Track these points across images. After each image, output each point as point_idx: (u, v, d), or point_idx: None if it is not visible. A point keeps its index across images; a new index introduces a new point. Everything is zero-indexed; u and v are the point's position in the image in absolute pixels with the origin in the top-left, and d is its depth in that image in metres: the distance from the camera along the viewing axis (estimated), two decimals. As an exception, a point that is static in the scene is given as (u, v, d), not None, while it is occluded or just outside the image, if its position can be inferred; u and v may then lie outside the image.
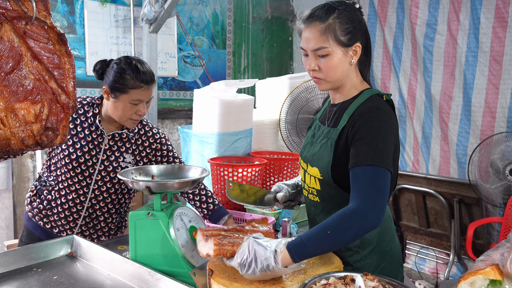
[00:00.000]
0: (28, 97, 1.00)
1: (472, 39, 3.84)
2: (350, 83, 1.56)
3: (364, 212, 1.30)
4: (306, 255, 1.27)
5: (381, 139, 1.40)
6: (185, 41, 4.81)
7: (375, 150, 1.38)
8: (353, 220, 1.29)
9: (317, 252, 1.29)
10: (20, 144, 1.00)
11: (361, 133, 1.42)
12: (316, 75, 1.52)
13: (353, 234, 1.30)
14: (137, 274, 1.52)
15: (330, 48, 1.46)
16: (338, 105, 1.58)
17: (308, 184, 1.62)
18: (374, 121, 1.43)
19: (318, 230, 1.30)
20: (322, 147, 1.55)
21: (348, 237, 1.30)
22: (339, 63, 1.48)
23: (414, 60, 4.30)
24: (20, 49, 1.00)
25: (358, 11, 1.53)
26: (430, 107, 4.21)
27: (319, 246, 1.27)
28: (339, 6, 1.48)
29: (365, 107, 1.48)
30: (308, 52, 1.51)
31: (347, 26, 1.47)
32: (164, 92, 4.71)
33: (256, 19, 5.46)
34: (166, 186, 1.59)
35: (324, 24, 1.46)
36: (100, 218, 2.13)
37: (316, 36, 1.46)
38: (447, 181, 4.00)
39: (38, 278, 1.57)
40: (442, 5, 4.02)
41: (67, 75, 1.06)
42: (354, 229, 1.29)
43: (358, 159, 1.38)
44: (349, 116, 1.49)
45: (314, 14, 1.49)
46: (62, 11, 4.00)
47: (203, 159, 2.75)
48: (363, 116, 1.45)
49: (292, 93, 2.99)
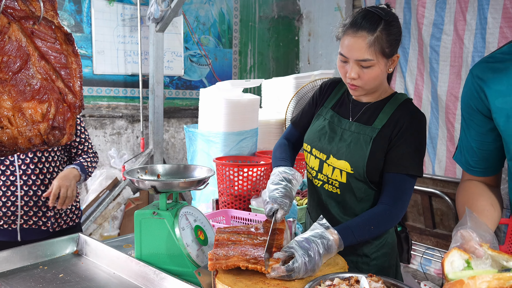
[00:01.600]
0: (35, 97, 1.01)
1: (478, 39, 3.81)
2: (382, 88, 1.63)
3: (395, 213, 1.53)
4: (351, 239, 1.44)
5: (422, 147, 1.56)
6: (192, 40, 4.82)
7: (416, 159, 1.54)
8: (388, 220, 1.53)
9: (358, 241, 1.47)
10: (27, 143, 1.01)
11: (406, 137, 1.53)
12: (355, 83, 1.54)
13: (384, 229, 1.56)
14: (142, 273, 1.52)
15: (375, 60, 1.48)
16: (369, 105, 1.63)
17: (329, 175, 1.64)
18: (419, 126, 1.55)
19: (364, 223, 1.50)
20: (353, 142, 1.59)
21: (380, 232, 1.55)
22: (381, 74, 1.53)
23: (421, 60, 4.28)
24: (27, 48, 1.00)
25: (398, 20, 1.54)
26: (436, 108, 4.19)
27: (361, 236, 1.47)
28: (385, 17, 1.48)
29: (408, 109, 1.57)
30: (350, 60, 1.50)
31: (391, 38, 1.49)
32: (170, 91, 4.72)
33: (263, 18, 5.46)
34: (171, 185, 1.59)
35: (372, 36, 1.45)
36: (38, 192, 2.14)
37: (363, 47, 1.46)
38: (453, 182, 3.97)
39: (44, 275, 1.58)
40: (449, 5, 3.99)
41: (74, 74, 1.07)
42: (387, 227, 1.57)
43: (399, 166, 1.53)
44: (388, 116, 1.56)
45: (361, 23, 1.47)
46: (70, 10, 4.02)
47: (209, 158, 2.76)
48: (410, 119, 1.54)
49: (298, 93, 2.99)
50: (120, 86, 4.37)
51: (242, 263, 1.30)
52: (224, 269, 1.32)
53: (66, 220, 2.28)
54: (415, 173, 1.53)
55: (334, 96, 1.74)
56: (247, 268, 1.30)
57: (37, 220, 2.17)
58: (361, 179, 1.58)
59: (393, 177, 1.53)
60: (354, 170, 1.57)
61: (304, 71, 5.67)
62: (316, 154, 1.68)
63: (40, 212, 2.17)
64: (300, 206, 2.25)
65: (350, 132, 1.62)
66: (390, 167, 1.54)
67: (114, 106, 4.35)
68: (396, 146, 1.53)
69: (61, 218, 2.25)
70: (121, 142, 4.41)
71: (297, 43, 5.79)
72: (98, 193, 4.07)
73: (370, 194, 1.61)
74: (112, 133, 4.34)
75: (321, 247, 1.35)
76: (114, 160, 4.28)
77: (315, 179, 1.72)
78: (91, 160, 2.32)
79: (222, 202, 2.41)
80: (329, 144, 1.64)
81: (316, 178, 1.71)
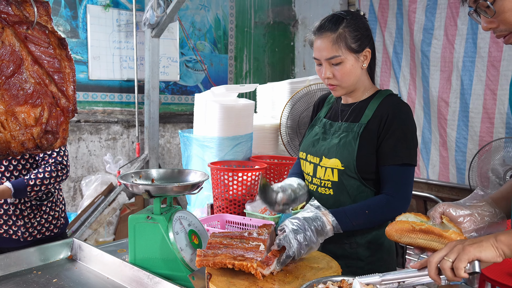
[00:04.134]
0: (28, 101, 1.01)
1: (470, 44, 3.83)
2: (363, 86, 1.69)
3: (396, 204, 1.55)
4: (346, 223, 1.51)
5: (412, 135, 1.60)
6: (187, 46, 4.83)
7: (408, 148, 1.57)
8: (387, 209, 1.55)
9: (353, 224, 1.52)
10: (20, 147, 1.01)
11: (394, 128, 1.57)
12: (331, 82, 1.63)
13: (384, 219, 1.56)
14: (136, 277, 1.52)
15: (342, 56, 1.58)
16: (355, 105, 1.70)
17: (321, 177, 1.68)
18: (404, 116, 1.60)
19: (358, 206, 1.56)
20: (342, 140, 1.64)
21: (379, 220, 1.57)
22: (352, 69, 1.60)
23: (413, 65, 4.30)
24: (21, 53, 1.01)
25: (363, 18, 1.65)
26: (429, 113, 4.21)
27: (355, 219, 1.52)
28: (347, 16, 1.60)
29: (390, 102, 1.62)
30: (321, 61, 1.61)
31: (356, 34, 1.58)
32: (166, 96, 4.73)
33: (258, 24, 5.48)
34: (165, 189, 1.59)
35: (334, 34, 1.57)
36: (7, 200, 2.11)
37: (328, 46, 1.58)
38: (448, 187, 3.99)
39: (38, 280, 1.58)
40: (440, 10, 4.01)
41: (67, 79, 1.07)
42: (386, 215, 1.56)
43: (393, 158, 1.57)
44: (372, 112, 1.62)
45: (324, 25, 1.60)
46: (65, 15, 4.03)
47: (203, 163, 2.76)
48: (393, 111, 1.59)
49: (293, 98, 3.00)
50: (116, 91, 4.37)
51: (228, 260, 1.32)
52: (212, 266, 1.34)
53: (41, 230, 2.23)
54: (409, 162, 1.57)
55: (325, 108, 1.84)
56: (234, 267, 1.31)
57: (7, 229, 2.14)
58: (353, 175, 1.61)
59: (389, 169, 1.58)
60: (344, 166, 1.61)
61: (300, 76, 5.69)
62: (311, 159, 1.73)
63: (10, 221, 2.14)
64: (295, 210, 2.26)
65: (340, 132, 1.68)
66: (384, 160, 1.59)
67: (110, 112, 4.34)
68: (386, 139, 1.58)
69: (33, 228, 2.20)
70: (117, 148, 4.41)
71: (292, 49, 5.82)
72: (93, 199, 4.06)
73: (364, 192, 1.63)
74: (108, 139, 4.34)
75: (312, 225, 1.46)
76: (110, 165, 4.28)
77: (310, 184, 1.75)
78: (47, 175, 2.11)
79: (217, 206, 2.41)
80: (321, 147, 1.70)
81: (311, 183, 1.74)
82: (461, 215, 1.27)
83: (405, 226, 1.22)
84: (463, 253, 1.01)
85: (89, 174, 4.23)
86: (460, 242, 1.06)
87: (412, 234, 1.21)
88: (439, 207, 1.30)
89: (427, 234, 1.19)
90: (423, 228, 1.20)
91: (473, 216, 1.27)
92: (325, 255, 1.57)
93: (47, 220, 2.25)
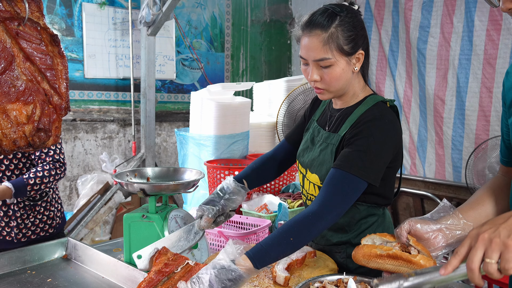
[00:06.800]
0: (20, 98, 1.00)
1: (465, 42, 3.83)
2: (353, 90, 1.51)
3: (322, 216, 1.28)
4: (268, 261, 1.23)
5: (372, 151, 1.37)
6: (183, 44, 4.81)
7: (360, 160, 1.35)
8: (312, 224, 1.27)
9: (279, 257, 1.27)
10: (11, 145, 1.00)
11: (359, 139, 1.38)
12: (318, 85, 1.45)
13: (311, 236, 1.28)
14: (131, 276, 1.51)
15: (333, 58, 1.39)
16: (341, 111, 1.54)
17: (307, 190, 1.59)
18: (376, 131, 1.39)
19: (280, 236, 1.26)
20: (321, 153, 1.51)
21: (307, 240, 1.28)
22: (343, 73, 1.42)
23: (409, 64, 4.30)
24: (12, 50, 0.99)
25: (359, 15, 1.46)
26: (425, 111, 4.20)
27: (281, 252, 1.25)
28: (341, 12, 1.40)
29: (369, 115, 1.43)
30: (309, 62, 1.43)
31: (350, 34, 1.39)
32: (162, 95, 4.71)
33: (255, 22, 5.46)
34: (160, 188, 1.58)
35: (326, 33, 1.38)
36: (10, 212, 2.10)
37: (318, 46, 1.38)
38: (445, 184, 3.99)
39: (32, 280, 1.56)
40: (436, 8, 4.01)
41: (60, 76, 1.06)
42: (313, 232, 1.28)
43: (339, 161, 1.36)
44: (351, 124, 1.45)
45: (314, 20, 1.40)
46: (60, 13, 4.00)
47: (200, 162, 2.75)
48: (366, 124, 1.40)
49: (289, 96, 2.99)
50: (112, 90, 4.35)
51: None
52: None
53: (36, 231, 2.21)
54: (355, 173, 1.33)
55: (320, 108, 1.69)
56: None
57: (1, 230, 2.13)
58: None
59: (331, 172, 1.37)
60: (322, 183, 1.48)
61: (297, 74, 5.68)
62: (301, 170, 1.63)
63: (3, 223, 2.12)
64: (291, 209, 2.25)
65: (321, 142, 1.54)
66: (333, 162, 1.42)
67: (106, 110, 4.32)
68: (347, 145, 1.41)
69: (27, 229, 2.18)
70: (113, 146, 4.39)
71: (289, 47, 5.81)
72: (89, 198, 4.04)
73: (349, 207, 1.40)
74: (104, 137, 4.31)
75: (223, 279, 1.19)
76: (106, 164, 4.26)
77: (302, 195, 1.68)
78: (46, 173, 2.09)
79: (213, 205, 2.40)
80: (306, 159, 1.59)
81: (302, 194, 1.67)
82: (429, 231, 1.19)
83: (371, 251, 1.14)
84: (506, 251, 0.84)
85: (85, 173, 4.21)
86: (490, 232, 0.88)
87: (380, 259, 1.13)
88: (406, 224, 1.20)
89: (395, 259, 1.12)
90: (390, 254, 1.12)
91: (442, 231, 1.19)
92: (321, 253, 1.56)
93: (42, 221, 2.22)
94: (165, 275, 1.25)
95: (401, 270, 1.11)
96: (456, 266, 0.91)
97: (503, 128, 1.32)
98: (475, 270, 0.86)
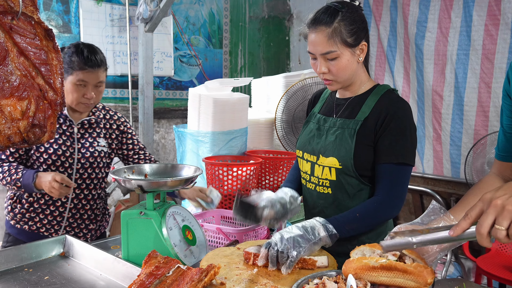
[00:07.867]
0: (14, 94, 0.98)
1: (464, 37, 3.81)
2: (359, 80, 1.65)
3: (389, 205, 1.52)
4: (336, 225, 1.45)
5: (410, 134, 1.55)
6: (181, 41, 4.79)
7: (405, 147, 1.53)
8: (379, 210, 1.52)
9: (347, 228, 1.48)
10: (6, 141, 0.98)
11: (392, 126, 1.53)
12: (326, 77, 1.60)
13: (378, 221, 1.55)
14: (129, 274, 1.50)
15: (338, 51, 1.54)
16: (350, 99, 1.66)
17: (319, 176, 1.65)
18: (403, 113, 1.55)
19: (349, 212, 1.52)
20: (338, 137, 1.60)
21: (374, 222, 1.54)
22: (348, 64, 1.57)
23: (407, 59, 4.28)
24: (6, 44, 0.98)
25: (359, 10, 1.60)
26: (423, 107, 4.19)
27: (346, 222, 1.48)
28: (342, 8, 1.55)
29: (389, 99, 1.58)
30: (316, 56, 1.58)
31: (352, 27, 1.54)
32: (160, 91, 4.69)
33: (253, 19, 5.44)
34: (158, 184, 1.57)
35: (330, 28, 1.53)
36: (86, 207, 2.17)
37: (324, 40, 1.53)
38: (444, 180, 3.99)
39: (29, 278, 1.55)
40: (433, 3, 3.99)
41: (55, 71, 1.04)
42: (380, 217, 1.54)
43: (388, 156, 1.53)
44: (370, 108, 1.58)
45: (318, 18, 1.56)
46: (57, 10, 3.98)
47: (198, 158, 2.74)
48: (392, 108, 1.55)
49: (288, 92, 2.98)
50: (109, 87, 4.33)
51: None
52: None
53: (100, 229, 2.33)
54: (405, 161, 1.53)
55: (320, 103, 1.80)
56: None
57: (78, 232, 2.19)
58: (351, 174, 1.58)
59: (384, 167, 1.54)
60: (342, 165, 1.58)
61: (295, 71, 5.65)
62: (308, 158, 1.70)
63: (83, 224, 2.20)
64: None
65: (335, 128, 1.64)
66: (380, 157, 1.56)
67: (103, 107, 4.30)
68: (383, 137, 1.55)
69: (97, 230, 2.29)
70: (111, 144, 4.37)
71: (287, 43, 5.79)
72: (88, 195, 4.03)
73: (363, 190, 1.61)
74: (102, 135, 4.30)
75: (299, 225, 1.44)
76: (104, 161, 4.24)
77: (308, 183, 1.72)
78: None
79: (211, 202, 2.39)
80: (317, 145, 1.66)
81: (309, 182, 1.71)
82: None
83: (363, 264, 1.09)
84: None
85: (83, 170, 4.19)
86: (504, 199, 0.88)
87: (373, 272, 1.08)
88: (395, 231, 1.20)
89: (390, 271, 1.06)
90: (384, 265, 1.06)
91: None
92: (321, 250, 1.55)
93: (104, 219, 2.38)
94: (157, 277, 1.23)
95: (397, 281, 1.07)
96: (466, 228, 0.93)
97: (504, 121, 1.32)
98: (484, 234, 0.88)
